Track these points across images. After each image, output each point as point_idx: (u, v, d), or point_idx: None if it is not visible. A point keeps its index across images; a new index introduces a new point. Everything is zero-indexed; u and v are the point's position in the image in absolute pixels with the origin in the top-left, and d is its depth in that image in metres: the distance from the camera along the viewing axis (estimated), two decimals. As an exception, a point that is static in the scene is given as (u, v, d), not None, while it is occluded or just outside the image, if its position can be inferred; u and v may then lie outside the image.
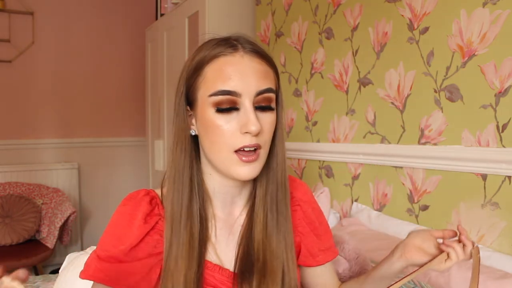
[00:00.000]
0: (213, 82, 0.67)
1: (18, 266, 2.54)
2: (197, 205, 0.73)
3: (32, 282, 1.54)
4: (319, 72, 1.83)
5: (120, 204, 0.75)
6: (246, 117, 0.66)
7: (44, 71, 3.23)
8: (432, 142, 1.32)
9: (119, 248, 0.71)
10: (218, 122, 0.67)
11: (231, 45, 0.69)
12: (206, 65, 0.69)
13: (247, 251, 0.74)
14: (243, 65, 0.68)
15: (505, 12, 1.10)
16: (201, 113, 0.69)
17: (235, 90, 0.66)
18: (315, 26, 1.84)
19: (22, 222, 2.72)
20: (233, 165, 0.68)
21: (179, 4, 2.57)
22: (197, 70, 0.70)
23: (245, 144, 0.67)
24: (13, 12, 3.08)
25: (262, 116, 0.69)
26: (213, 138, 0.68)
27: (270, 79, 0.71)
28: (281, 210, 0.75)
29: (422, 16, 1.34)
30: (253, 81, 0.67)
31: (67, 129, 3.32)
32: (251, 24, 2.35)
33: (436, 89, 1.30)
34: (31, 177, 3.12)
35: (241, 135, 0.67)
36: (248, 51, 0.69)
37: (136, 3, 3.51)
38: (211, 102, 0.67)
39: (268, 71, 0.71)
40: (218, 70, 0.68)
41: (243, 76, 0.67)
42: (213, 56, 0.69)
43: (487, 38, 1.15)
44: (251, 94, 0.67)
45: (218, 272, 0.73)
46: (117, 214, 0.74)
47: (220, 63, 0.68)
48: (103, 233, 0.74)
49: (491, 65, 1.14)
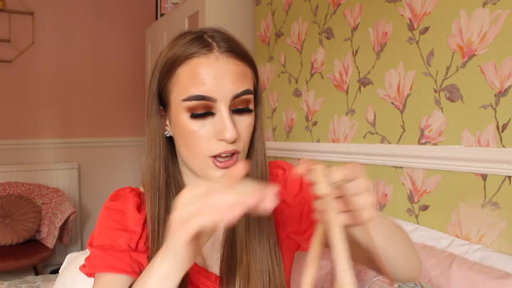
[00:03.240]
0: (186, 86, 0.63)
1: (18, 266, 2.55)
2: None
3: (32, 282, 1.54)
4: (319, 72, 1.83)
5: (107, 201, 0.73)
6: (221, 124, 0.63)
7: (44, 71, 3.23)
8: (432, 142, 1.32)
9: (123, 238, 0.69)
10: (193, 128, 0.64)
11: (206, 45, 0.64)
12: (179, 67, 0.65)
13: (231, 253, 0.71)
14: (218, 68, 0.63)
15: (505, 12, 1.10)
16: (175, 117, 0.67)
17: (209, 95, 0.62)
18: (315, 26, 1.84)
19: (22, 222, 2.72)
20: (209, 169, 0.66)
21: (179, 4, 2.57)
22: (169, 71, 0.66)
23: (221, 152, 0.64)
24: (13, 12, 3.08)
25: (239, 120, 0.66)
26: (189, 144, 0.66)
27: (248, 80, 0.67)
28: (260, 217, 0.71)
29: (422, 16, 1.34)
30: (228, 85, 0.63)
31: (67, 129, 3.32)
32: (251, 24, 2.35)
33: (436, 89, 1.30)
34: (31, 177, 3.12)
35: (216, 142, 0.64)
36: (223, 51, 0.64)
37: (136, 3, 3.51)
38: (185, 107, 0.64)
39: (245, 71, 0.67)
40: (191, 73, 0.63)
41: (218, 80, 0.63)
42: (186, 57, 0.64)
43: (487, 38, 1.15)
44: (226, 99, 0.63)
45: (203, 276, 0.71)
46: (107, 210, 0.72)
47: (193, 65, 0.63)
48: (96, 229, 0.71)
49: (491, 65, 1.14)
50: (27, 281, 1.55)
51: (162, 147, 0.70)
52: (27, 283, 1.53)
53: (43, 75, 3.23)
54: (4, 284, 1.52)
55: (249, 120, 0.67)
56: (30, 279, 1.58)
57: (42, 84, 3.23)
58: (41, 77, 3.23)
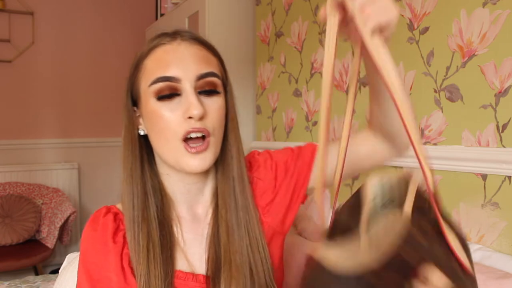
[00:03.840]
0: (152, 71, 0.67)
1: (18, 266, 2.55)
2: (153, 209, 0.70)
3: (32, 282, 1.54)
4: (319, 72, 1.83)
5: (87, 228, 0.71)
6: (188, 102, 0.65)
7: (44, 71, 3.23)
8: (432, 142, 1.32)
9: (108, 273, 0.68)
10: (162, 112, 0.66)
11: (169, 35, 0.69)
12: (145, 58, 0.69)
13: (216, 252, 0.71)
14: (181, 51, 0.67)
15: (505, 12, 1.10)
16: (145, 107, 0.68)
17: (173, 75, 0.65)
18: (315, 26, 1.84)
19: (22, 222, 2.72)
20: (182, 156, 0.66)
21: (179, 4, 2.57)
22: (137, 65, 0.69)
23: (189, 129, 0.65)
24: (13, 12, 3.08)
25: (207, 101, 0.67)
26: (159, 129, 0.67)
27: (213, 65, 0.69)
28: (241, 205, 0.72)
29: (422, 16, 1.34)
30: (192, 65, 0.66)
31: (67, 129, 3.32)
32: (251, 24, 2.35)
33: (436, 89, 1.30)
34: (31, 177, 3.12)
35: (185, 121, 0.65)
36: (186, 38, 0.68)
37: (136, 3, 3.51)
38: (152, 92, 0.66)
39: (209, 57, 0.70)
40: (156, 60, 0.67)
41: (181, 61, 0.66)
42: (151, 48, 0.68)
43: (487, 38, 1.15)
44: (191, 79, 0.66)
45: (192, 281, 0.69)
46: (90, 241, 0.70)
47: (158, 53, 0.67)
48: (80, 262, 0.70)
49: (491, 65, 1.14)
50: (27, 281, 1.55)
51: (135, 145, 0.71)
52: (27, 283, 1.53)
53: (43, 75, 3.23)
54: (4, 284, 1.52)
55: (219, 103, 0.69)
56: (30, 279, 1.58)
57: (42, 84, 3.23)
58: (41, 77, 3.23)
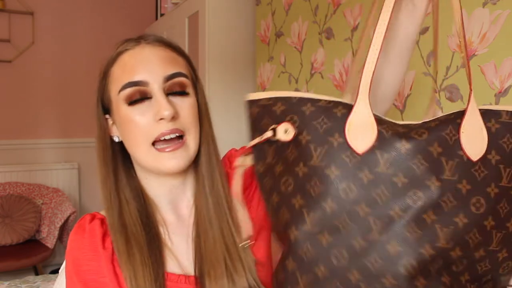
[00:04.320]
0: (120, 78, 0.67)
1: (18, 266, 2.55)
2: (135, 214, 0.69)
3: (32, 282, 1.54)
4: (319, 72, 1.83)
5: (73, 236, 0.70)
6: (157, 104, 0.65)
7: (44, 71, 3.23)
8: (432, 142, 1.32)
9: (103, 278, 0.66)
10: (132, 116, 0.66)
11: (134, 40, 0.69)
12: (112, 66, 0.69)
13: (201, 252, 0.71)
14: (146, 55, 0.67)
15: (505, 12, 1.10)
16: (117, 113, 0.68)
17: (141, 79, 0.65)
18: (315, 26, 1.84)
19: (22, 222, 2.72)
20: (158, 158, 0.66)
21: (179, 4, 2.57)
22: (105, 73, 0.70)
23: (161, 132, 0.65)
24: (13, 12, 3.08)
25: (177, 101, 0.67)
26: (131, 134, 0.67)
27: (179, 65, 0.69)
28: (212, 202, 0.72)
29: (422, 16, 1.34)
30: (158, 67, 0.66)
31: (67, 129, 3.32)
32: (251, 24, 2.35)
33: (436, 89, 1.30)
34: (31, 177, 3.12)
35: (157, 123, 0.65)
36: (150, 42, 0.69)
37: (136, 3, 3.51)
38: (122, 98, 0.66)
39: (175, 58, 0.70)
40: (122, 66, 0.67)
41: (146, 64, 0.66)
42: (116, 54, 0.69)
43: (487, 38, 1.15)
44: (159, 81, 0.66)
45: (184, 283, 0.69)
46: (80, 249, 0.68)
47: (123, 59, 0.68)
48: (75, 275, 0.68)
49: (491, 65, 1.14)
50: (27, 281, 1.55)
51: (108, 153, 0.71)
52: (27, 283, 1.53)
53: (43, 75, 3.23)
54: (4, 284, 1.52)
55: (189, 102, 0.69)
56: (30, 279, 1.58)
57: (42, 84, 3.23)
58: (41, 77, 3.23)
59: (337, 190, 0.51)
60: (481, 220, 0.51)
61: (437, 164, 0.50)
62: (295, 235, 0.54)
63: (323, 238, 0.53)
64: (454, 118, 0.53)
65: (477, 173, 0.51)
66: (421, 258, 0.50)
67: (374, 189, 0.51)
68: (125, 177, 0.72)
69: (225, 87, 2.29)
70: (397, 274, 0.50)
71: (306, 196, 0.53)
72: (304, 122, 0.54)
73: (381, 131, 0.53)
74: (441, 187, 0.50)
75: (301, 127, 0.54)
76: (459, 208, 0.50)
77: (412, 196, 0.50)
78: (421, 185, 0.50)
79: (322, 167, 0.52)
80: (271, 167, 0.58)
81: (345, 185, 0.51)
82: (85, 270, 0.67)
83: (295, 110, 0.55)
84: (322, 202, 0.52)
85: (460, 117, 0.53)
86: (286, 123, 0.55)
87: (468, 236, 0.51)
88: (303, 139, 0.54)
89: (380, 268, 0.50)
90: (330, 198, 0.52)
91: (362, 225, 0.51)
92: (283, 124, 0.55)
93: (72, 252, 0.69)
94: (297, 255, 0.54)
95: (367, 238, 0.51)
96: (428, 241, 0.50)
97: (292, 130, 0.55)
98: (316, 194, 0.52)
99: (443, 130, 0.52)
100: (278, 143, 0.56)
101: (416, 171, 0.50)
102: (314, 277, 0.53)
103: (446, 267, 0.51)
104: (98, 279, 0.66)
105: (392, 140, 0.52)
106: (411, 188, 0.50)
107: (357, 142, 0.52)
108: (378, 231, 0.51)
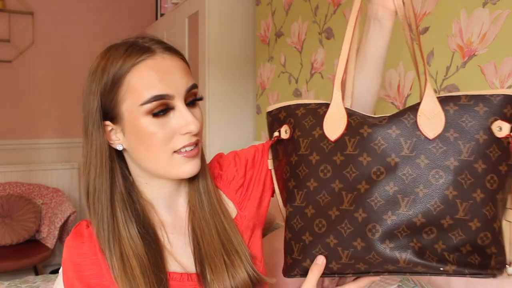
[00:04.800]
0: (141, 90, 0.64)
1: (18, 266, 2.55)
2: (133, 222, 0.69)
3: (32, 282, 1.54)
4: (319, 72, 1.83)
5: (71, 243, 0.69)
6: (183, 118, 0.66)
7: (44, 71, 3.23)
8: (432, 142, 1.32)
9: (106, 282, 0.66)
10: (154, 129, 0.65)
11: (145, 49, 0.67)
12: (127, 74, 0.65)
13: (199, 249, 0.72)
14: (167, 66, 0.66)
15: (505, 12, 1.10)
16: (132, 125, 0.66)
17: (167, 93, 0.65)
18: (315, 26, 1.84)
19: (22, 222, 2.72)
20: (176, 165, 0.67)
21: (179, 4, 2.57)
22: (115, 82, 0.66)
23: (185, 144, 0.67)
24: (13, 12, 3.08)
25: (194, 112, 0.69)
26: (151, 146, 0.66)
27: (191, 75, 0.71)
28: (206, 201, 0.75)
29: (422, 16, 1.34)
30: (180, 80, 0.67)
31: (67, 129, 3.32)
32: (251, 24, 2.35)
33: (436, 89, 1.30)
34: (31, 177, 3.12)
35: (180, 137, 0.67)
36: (165, 51, 0.68)
37: (136, 3, 3.51)
38: (144, 111, 0.65)
39: (187, 67, 0.71)
40: (143, 77, 0.65)
41: (170, 76, 0.66)
42: (132, 64, 0.65)
43: (487, 38, 1.15)
44: (181, 93, 0.66)
45: (187, 280, 0.70)
46: (80, 255, 0.68)
47: (142, 69, 0.65)
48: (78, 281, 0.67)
49: (491, 65, 1.14)
50: (27, 281, 1.55)
51: (106, 162, 0.68)
52: (27, 283, 1.53)
53: (43, 75, 3.23)
54: (4, 284, 1.52)
55: (200, 111, 0.72)
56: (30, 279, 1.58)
57: (42, 84, 3.23)
58: (41, 77, 3.23)
59: (317, 172, 0.65)
60: (442, 190, 0.58)
61: (396, 143, 0.60)
62: (289, 211, 0.68)
63: (308, 211, 0.66)
64: (414, 105, 0.62)
65: (435, 149, 0.59)
66: (384, 223, 0.59)
67: (345, 168, 0.63)
68: (122, 185, 0.71)
69: (225, 87, 2.29)
70: (365, 238, 0.60)
71: (296, 179, 0.67)
72: (297, 122, 0.69)
73: (350, 121, 0.65)
74: (401, 162, 0.60)
75: (295, 126, 0.69)
76: (418, 180, 0.59)
77: (376, 172, 0.61)
78: (383, 162, 0.61)
79: (307, 155, 0.66)
80: (280, 162, 0.73)
81: (323, 167, 0.65)
82: (88, 275, 0.67)
83: (292, 114, 0.70)
84: (307, 182, 0.66)
85: (419, 104, 0.61)
86: (286, 125, 0.70)
87: (429, 204, 0.58)
88: (295, 135, 0.68)
89: (351, 233, 0.61)
90: (313, 178, 0.65)
91: (336, 198, 0.63)
92: (284, 126, 0.70)
93: (71, 258, 0.68)
94: (291, 227, 0.68)
95: (340, 209, 0.63)
96: (390, 209, 0.59)
97: (289, 130, 0.69)
98: (303, 176, 0.66)
99: (401, 116, 0.62)
100: (284, 142, 0.71)
101: (377, 151, 0.61)
102: (303, 244, 0.66)
103: (415, 234, 0.59)
104: (102, 282, 0.66)
105: (357, 127, 0.63)
106: (374, 164, 0.61)
107: (331, 132, 0.65)
108: (348, 202, 0.62)
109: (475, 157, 0.57)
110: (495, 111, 0.58)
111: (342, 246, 0.62)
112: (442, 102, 0.60)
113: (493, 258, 0.58)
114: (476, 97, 0.58)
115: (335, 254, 0.63)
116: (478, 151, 0.57)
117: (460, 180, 0.57)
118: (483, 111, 0.58)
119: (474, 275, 0.58)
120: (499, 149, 0.57)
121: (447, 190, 0.57)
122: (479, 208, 0.57)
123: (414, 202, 0.58)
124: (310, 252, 0.65)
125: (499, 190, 0.58)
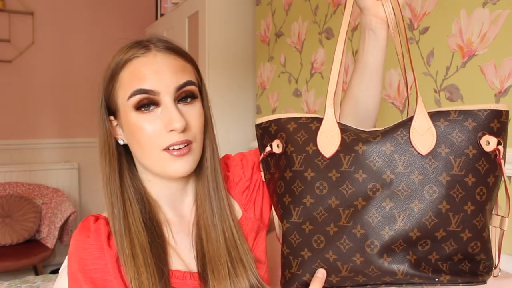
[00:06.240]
0: (129, 84, 0.67)
1: (18, 266, 2.55)
2: (138, 215, 0.70)
3: (32, 282, 1.54)
4: (319, 72, 1.83)
5: (77, 237, 0.69)
6: (168, 115, 0.66)
7: (44, 71, 3.23)
8: (432, 142, 1.32)
9: (110, 276, 0.66)
10: (141, 124, 0.66)
11: (143, 46, 0.68)
12: (121, 70, 0.68)
13: (202, 250, 0.73)
14: (157, 64, 0.67)
15: (505, 12, 1.10)
16: (125, 119, 0.68)
17: (152, 88, 0.65)
18: (315, 26, 1.84)
19: (22, 222, 2.72)
20: (166, 163, 0.67)
21: (179, 4, 2.57)
22: (113, 77, 0.69)
23: (172, 142, 0.66)
24: (13, 12, 3.08)
25: (186, 110, 0.68)
26: (140, 141, 0.67)
27: (189, 72, 0.70)
28: (216, 205, 0.74)
29: (422, 16, 1.34)
30: (169, 78, 0.67)
31: (67, 129, 3.32)
32: (251, 24, 2.35)
33: (436, 89, 1.30)
34: (31, 177, 3.12)
35: (167, 134, 0.66)
36: (161, 49, 0.69)
37: (136, 3, 3.51)
38: (131, 105, 0.66)
39: (185, 65, 0.70)
40: (132, 72, 0.67)
41: (158, 74, 0.66)
42: (126, 60, 0.68)
43: (487, 38, 1.15)
44: (170, 91, 0.66)
45: (190, 279, 0.71)
46: (86, 249, 0.68)
47: (134, 65, 0.67)
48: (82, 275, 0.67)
49: (491, 65, 1.14)
50: (27, 281, 1.55)
51: (113, 155, 0.71)
52: (27, 283, 1.53)
53: (43, 75, 3.23)
54: (4, 284, 1.52)
55: (197, 109, 0.70)
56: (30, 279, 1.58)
57: (42, 84, 3.23)
58: (41, 77, 3.23)
59: (313, 188, 0.65)
60: (435, 204, 0.60)
61: (391, 160, 0.62)
62: (286, 226, 0.68)
63: (306, 227, 0.66)
64: (406, 121, 0.63)
65: (428, 165, 0.60)
66: (381, 238, 0.61)
67: (341, 185, 0.63)
68: (129, 178, 0.72)
69: (225, 87, 2.29)
70: (364, 253, 0.62)
71: (292, 195, 0.67)
72: (289, 137, 0.69)
73: (344, 137, 0.65)
74: (396, 178, 0.61)
75: (287, 141, 0.69)
76: (413, 195, 0.60)
77: (372, 189, 0.62)
78: (378, 178, 0.62)
79: (302, 171, 0.66)
80: (272, 175, 0.72)
81: (319, 183, 0.65)
82: (91, 269, 0.67)
83: (283, 128, 0.70)
84: (303, 199, 0.66)
85: (411, 120, 0.63)
86: (277, 139, 0.70)
87: (424, 218, 0.60)
88: (288, 150, 0.68)
89: (350, 249, 0.63)
90: (309, 195, 0.65)
91: (333, 214, 0.64)
92: (275, 140, 0.70)
93: (77, 252, 0.68)
94: (289, 242, 0.68)
95: (338, 225, 0.64)
96: (387, 224, 0.61)
97: (281, 144, 0.69)
98: (298, 192, 0.66)
99: (395, 132, 0.63)
100: (276, 156, 0.70)
101: (372, 168, 0.62)
102: (302, 259, 0.66)
103: (411, 247, 0.61)
104: (105, 277, 0.67)
105: (352, 144, 0.64)
106: (370, 181, 0.62)
107: (326, 148, 0.65)
108: (346, 218, 0.63)
109: (465, 171, 0.60)
110: (483, 126, 0.60)
111: (342, 261, 0.63)
112: (432, 117, 0.62)
113: (481, 264, 0.62)
114: (465, 112, 0.61)
115: (334, 268, 0.64)
116: (468, 165, 0.60)
117: (452, 194, 0.60)
118: (471, 126, 0.60)
119: (467, 283, 0.62)
120: (487, 162, 0.60)
121: (441, 204, 0.60)
122: (470, 219, 0.60)
123: (409, 217, 0.60)
124: (309, 267, 0.66)
125: (488, 201, 0.61)
